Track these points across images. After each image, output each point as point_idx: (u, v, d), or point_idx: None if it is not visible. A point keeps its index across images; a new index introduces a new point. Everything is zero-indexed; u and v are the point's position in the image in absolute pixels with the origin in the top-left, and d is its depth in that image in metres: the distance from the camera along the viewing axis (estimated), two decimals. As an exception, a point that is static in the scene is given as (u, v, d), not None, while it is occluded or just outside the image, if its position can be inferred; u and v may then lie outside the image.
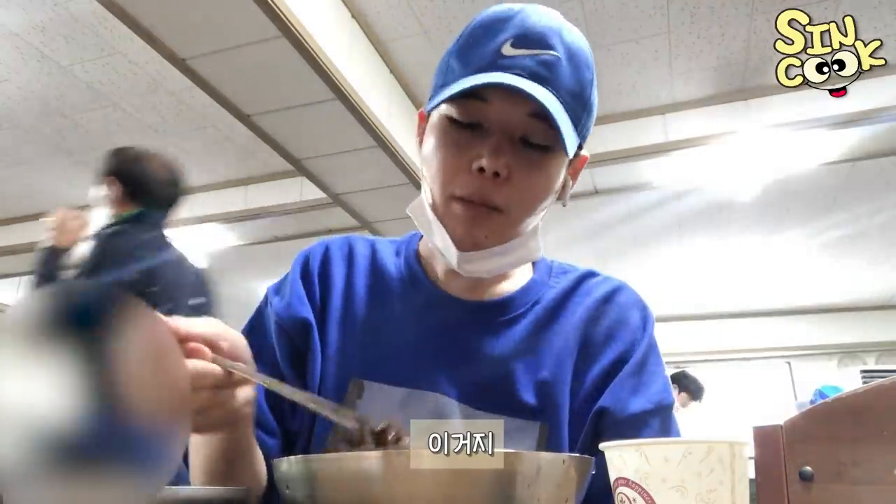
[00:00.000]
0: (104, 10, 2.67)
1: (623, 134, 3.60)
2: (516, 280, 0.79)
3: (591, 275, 0.83)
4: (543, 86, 0.64)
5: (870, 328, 6.63)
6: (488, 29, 0.67)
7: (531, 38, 0.65)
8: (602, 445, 0.45)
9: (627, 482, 0.42)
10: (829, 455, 0.57)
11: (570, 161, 0.72)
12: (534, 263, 0.83)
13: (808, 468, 0.59)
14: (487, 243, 0.70)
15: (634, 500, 0.42)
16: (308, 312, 0.76)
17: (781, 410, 5.01)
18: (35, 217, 4.94)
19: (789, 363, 6.96)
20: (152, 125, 3.77)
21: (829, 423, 0.59)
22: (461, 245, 0.69)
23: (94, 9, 2.78)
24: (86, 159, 4.15)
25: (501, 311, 0.76)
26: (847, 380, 6.36)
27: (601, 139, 3.63)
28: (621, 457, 0.43)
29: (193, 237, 4.86)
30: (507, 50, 0.65)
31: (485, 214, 0.67)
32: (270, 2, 2.43)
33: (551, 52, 0.65)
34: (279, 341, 0.76)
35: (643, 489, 0.41)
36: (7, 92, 3.46)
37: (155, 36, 2.71)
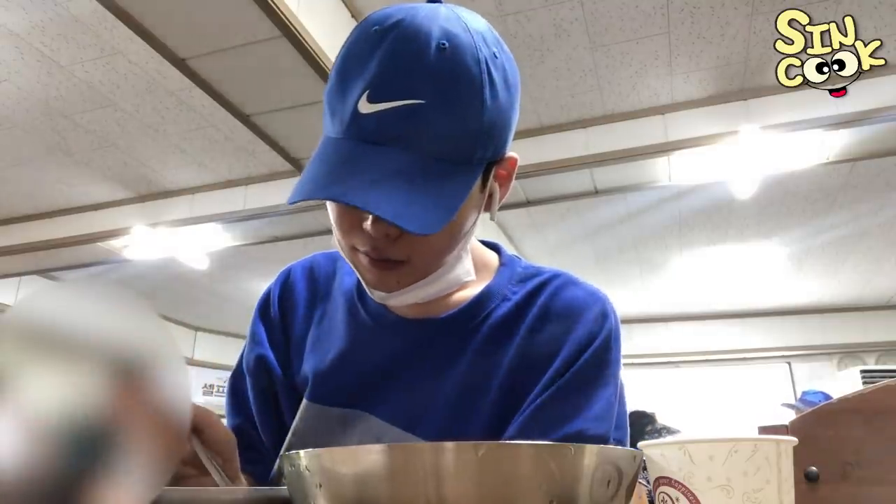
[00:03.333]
0: (104, 10, 2.67)
1: (623, 134, 3.60)
2: (469, 290, 0.73)
3: (552, 280, 0.73)
4: (403, 149, 0.58)
5: (870, 328, 6.62)
6: (350, 70, 0.60)
7: (388, 87, 0.57)
8: (641, 444, 0.44)
9: (670, 481, 0.41)
10: (835, 455, 0.57)
11: (493, 170, 0.65)
12: (500, 265, 0.76)
13: (814, 468, 0.59)
14: (401, 287, 0.66)
15: (678, 499, 0.41)
16: (264, 349, 0.78)
17: (780, 409, 5.01)
18: (35, 217, 4.94)
19: (789, 363, 6.96)
20: (152, 125, 3.76)
21: (834, 423, 0.59)
22: (375, 290, 0.67)
23: (94, 9, 2.77)
24: (86, 159, 4.14)
25: (445, 330, 0.71)
26: (847, 380, 6.36)
27: (601, 139, 3.63)
28: (663, 455, 0.42)
29: (193, 237, 4.86)
30: (364, 106, 0.58)
31: (389, 266, 0.64)
32: (270, 2, 2.43)
33: (411, 100, 0.57)
34: (251, 391, 0.79)
35: (687, 488, 0.40)
36: (7, 92, 3.45)
37: (155, 36, 2.70)
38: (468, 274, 0.70)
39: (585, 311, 0.70)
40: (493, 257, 0.78)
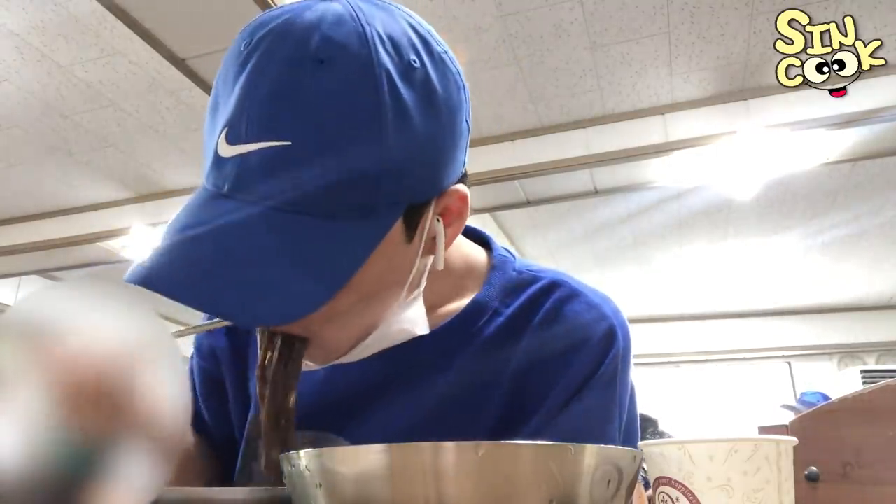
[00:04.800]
0: (104, 10, 2.67)
1: (623, 134, 3.60)
2: (455, 302, 0.63)
3: (550, 291, 0.62)
4: (269, 206, 0.45)
5: (870, 328, 6.62)
6: (219, 99, 0.49)
7: (246, 125, 0.45)
8: (641, 444, 0.44)
9: (670, 481, 0.41)
10: (835, 455, 0.56)
11: (426, 211, 0.51)
12: (490, 268, 0.65)
13: (815, 469, 0.59)
14: (331, 360, 0.55)
15: (677, 499, 0.41)
16: (219, 341, 0.70)
17: (779, 410, 5.01)
18: (35, 217, 4.94)
19: (789, 363, 6.96)
20: (152, 125, 3.76)
21: (834, 423, 0.59)
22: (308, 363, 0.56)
23: (94, 9, 2.77)
24: (86, 159, 4.14)
25: (427, 349, 0.60)
26: (847, 380, 6.36)
27: (601, 139, 3.63)
28: (663, 455, 0.42)
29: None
30: (223, 148, 0.46)
31: (296, 347, 0.52)
32: (270, 2, 2.43)
33: (273, 142, 0.44)
34: (197, 372, 0.72)
35: (687, 488, 0.40)
36: (7, 92, 3.45)
37: (155, 36, 2.70)
38: (416, 327, 0.57)
39: (589, 335, 0.60)
40: (480, 257, 0.67)
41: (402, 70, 0.46)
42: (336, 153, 0.44)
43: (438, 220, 0.53)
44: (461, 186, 0.53)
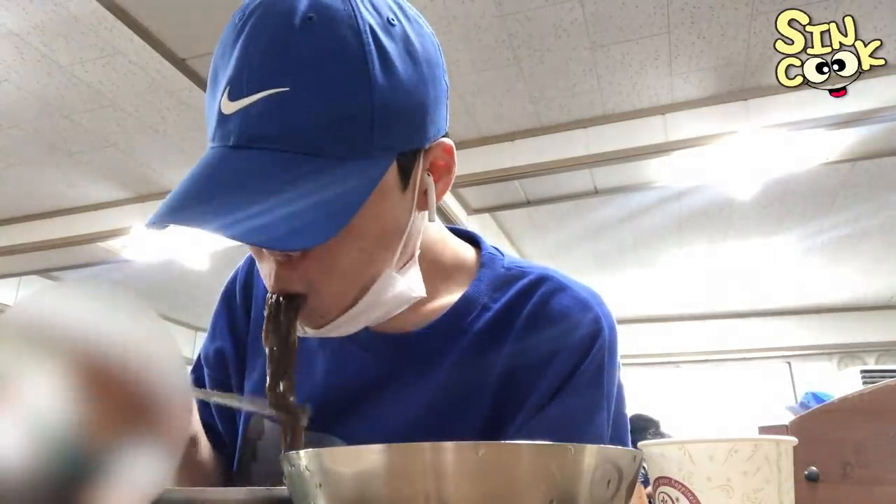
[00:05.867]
0: (104, 10, 2.67)
1: (623, 134, 3.60)
2: (444, 298, 0.64)
3: (538, 285, 0.64)
4: (272, 150, 0.49)
5: (870, 328, 6.63)
6: (217, 69, 0.53)
7: (246, 79, 0.49)
8: (641, 444, 0.43)
9: (670, 481, 0.41)
10: (835, 455, 0.56)
11: (417, 161, 0.55)
12: (480, 265, 0.67)
13: (815, 469, 0.59)
14: (326, 321, 0.56)
15: (678, 499, 0.41)
16: (224, 342, 0.73)
17: (781, 411, 5.02)
18: (35, 217, 4.94)
19: (789, 363, 6.96)
20: (152, 125, 3.76)
21: (834, 423, 0.59)
22: (303, 327, 0.58)
23: (94, 9, 2.77)
24: (86, 159, 4.14)
25: (417, 346, 0.62)
26: (847, 380, 6.36)
27: (601, 139, 3.63)
28: (663, 455, 0.42)
29: (194, 237, 4.86)
30: (226, 105, 0.51)
31: (297, 305, 0.55)
32: (270, 2, 2.44)
33: (272, 89, 0.48)
34: (209, 383, 0.74)
35: (687, 488, 0.40)
36: (7, 92, 3.45)
37: (155, 36, 2.71)
38: (413, 290, 0.59)
39: (575, 327, 0.62)
40: (470, 255, 0.69)
41: (382, 25, 0.51)
42: (330, 93, 0.49)
43: (429, 175, 0.57)
44: (446, 139, 0.57)
